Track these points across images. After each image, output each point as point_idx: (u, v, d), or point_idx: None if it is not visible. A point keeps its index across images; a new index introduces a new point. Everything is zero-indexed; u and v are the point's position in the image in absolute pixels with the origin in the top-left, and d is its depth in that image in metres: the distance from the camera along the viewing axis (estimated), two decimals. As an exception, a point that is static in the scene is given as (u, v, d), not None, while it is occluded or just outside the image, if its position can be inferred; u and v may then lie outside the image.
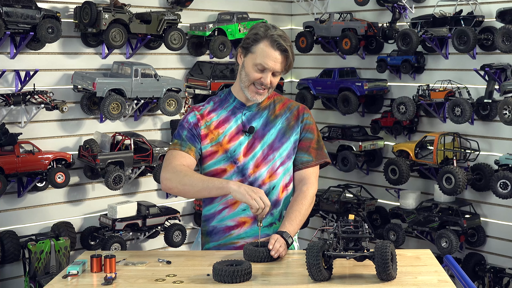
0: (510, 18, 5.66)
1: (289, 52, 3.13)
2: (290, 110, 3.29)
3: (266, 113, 3.25)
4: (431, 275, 2.67)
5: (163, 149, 6.09)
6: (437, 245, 5.99)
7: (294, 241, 3.26)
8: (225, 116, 3.23)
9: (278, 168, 3.20)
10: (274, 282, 2.60)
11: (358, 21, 6.80)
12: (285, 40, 3.13)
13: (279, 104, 3.30)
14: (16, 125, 5.59)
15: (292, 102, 3.35)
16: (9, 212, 5.66)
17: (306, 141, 3.28)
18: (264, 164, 3.18)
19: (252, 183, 3.14)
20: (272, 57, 3.11)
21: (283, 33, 3.17)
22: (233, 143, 3.18)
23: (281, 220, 3.18)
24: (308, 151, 3.27)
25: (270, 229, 3.17)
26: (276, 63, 3.12)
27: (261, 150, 3.18)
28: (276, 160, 3.20)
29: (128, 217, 5.95)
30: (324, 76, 6.99)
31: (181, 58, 6.69)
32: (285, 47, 3.11)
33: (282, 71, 3.17)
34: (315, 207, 6.87)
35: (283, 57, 3.13)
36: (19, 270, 5.61)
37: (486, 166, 6.01)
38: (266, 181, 3.17)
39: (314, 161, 3.28)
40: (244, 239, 3.15)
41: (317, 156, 3.30)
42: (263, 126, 3.22)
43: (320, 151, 3.32)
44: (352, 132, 6.81)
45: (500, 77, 5.80)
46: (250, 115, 3.23)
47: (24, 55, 5.66)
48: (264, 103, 3.26)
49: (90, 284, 2.63)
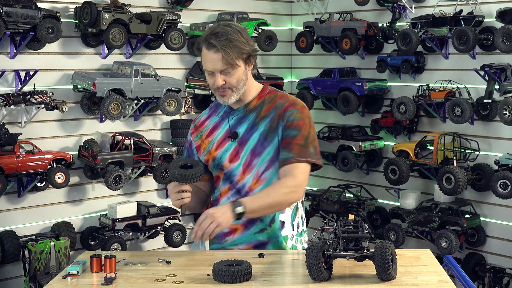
0: (510, 18, 5.66)
1: (221, 47, 2.92)
2: (277, 109, 3.05)
3: (253, 115, 3.09)
4: (431, 275, 2.67)
5: (163, 149, 6.09)
6: (437, 245, 5.99)
7: (300, 242, 3.23)
8: (216, 123, 3.17)
9: (262, 174, 3.05)
10: (274, 282, 2.60)
11: (358, 21, 6.80)
12: (219, 35, 2.95)
13: (268, 104, 3.09)
14: (16, 125, 5.59)
15: (282, 100, 3.09)
16: (9, 212, 5.66)
17: (288, 138, 2.99)
18: (249, 171, 3.06)
19: (240, 190, 3.09)
20: (208, 58, 2.98)
21: (224, 27, 2.98)
22: (219, 150, 3.11)
23: (272, 226, 3.10)
24: (288, 148, 2.97)
25: (262, 235, 3.10)
26: (215, 63, 2.97)
27: (245, 156, 3.07)
28: (259, 166, 3.05)
29: (128, 217, 5.96)
30: (324, 76, 6.99)
31: (181, 58, 6.69)
32: (214, 44, 2.93)
33: (227, 67, 2.98)
34: (315, 207, 6.88)
35: (220, 54, 2.94)
36: (19, 270, 5.61)
37: (486, 166, 6.01)
38: (253, 187, 3.06)
39: (295, 157, 2.95)
40: (237, 245, 3.11)
41: (300, 153, 2.96)
42: (247, 131, 3.08)
43: (305, 149, 2.97)
44: (352, 132, 6.81)
45: (500, 77, 5.80)
46: (237, 119, 3.11)
47: (24, 55, 5.66)
48: (252, 105, 3.11)
49: (90, 284, 2.62)
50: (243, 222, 3.07)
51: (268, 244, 3.11)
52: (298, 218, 3.22)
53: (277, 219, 3.12)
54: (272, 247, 3.10)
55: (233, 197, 3.09)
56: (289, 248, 3.16)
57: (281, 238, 3.12)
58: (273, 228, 3.11)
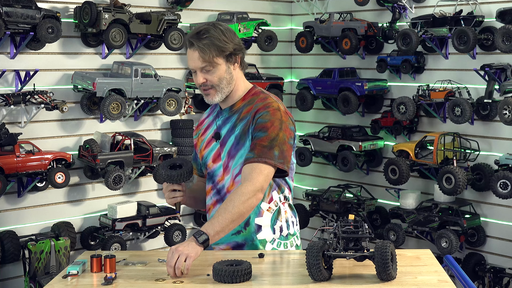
0: (510, 18, 5.66)
1: (197, 44, 2.94)
2: (251, 112, 3.01)
3: (235, 117, 3.08)
4: (431, 275, 2.67)
5: (163, 149, 6.09)
6: (437, 245, 5.99)
7: (295, 241, 3.23)
8: (209, 122, 3.20)
9: (236, 176, 3.04)
10: (274, 282, 2.60)
11: (358, 21, 6.80)
12: (198, 33, 2.96)
13: (248, 106, 3.05)
14: (16, 125, 5.59)
15: (259, 103, 3.03)
16: (9, 212, 5.66)
17: (254, 139, 2.93)
18: (227, 172, 3.08)
19: (220, 191, 3.12)
20: (189, 57, 3.01)
21: (203, 27, 2.99)
22: (206, 150, 3.16)
23: (247, 229, 3.07)
24: (252, 148, 2.93)
25: (239, 237, 3.09)
26: (194, 61, 2.99)
27: (224, 157, 3.09)
28: (234, 168, 3.05)
29: (128, 217, 5.96)
30: (324, 76, 6.99)
31: (181, 58, 6.69)
32: (191, 42, 2.96)
33: (206, 65, 2.98)
34: (315, 207, 6.88)
35: (198, 52, 2.96)
36: (19, 270, 5.61)
37: (486, 166, 6.01)
38: (230, 188, 3.07)
39: (255, 157, 2.88)
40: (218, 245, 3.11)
41: (261, 154, 2.87)
42: (228, 132, 3.08)
43: (268, 150, 2.88)
44: (352, 132, 6.81)
45: (500, 77, 5.80)
46: (223, 120, 3.12)
47: (24, 55, 5.66)
48: (237, 106, 3.10)
49: (90, 284, 2.62)
50: None
51: (244, 246, 3.10)
52: (281, 222, 3.14)
53: (252, 222, 3.08)
54: (249, 250, 3.09)
55: (214, 197, 3.14)
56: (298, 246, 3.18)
57: (256, 241, 3.08)
58: (248, 231, 3.08)
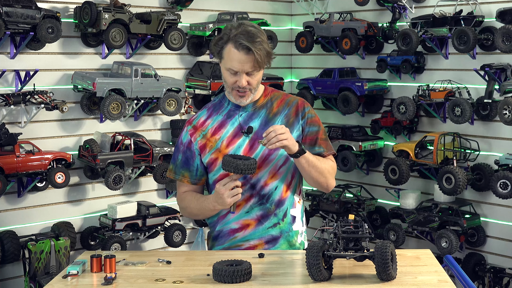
0: (510, 18, 5.66)
1: (254, 49, 2.95)
2: (289, 106, 3.20)
3: (264, 111, 3.17)
4: (431, 275, 2.67)
5: (163, 149, 6.10)
6: (437, 245, 5.99)
7: (303, 238, 3.27)
8: (221, 121, 3.18)
9: (281, 167, 3.14)
10: (274, 282, 2.60)
11: (358, 21, 6.80)
12: (251, 37, 2.96)
13: (277, 101, 3.21)
14: (16, 125, 5.59)
15: (290, 97, 3.26)
16: (9, 212, 5.66)
17: (313, 134, 3.21)
18: (266, 165, 3.12)
19: (255, 185, 3.12)
20: (237, 59, 2.98)
21: (251, 28, 3.00)
22: (231, 147, 3.13)
23: (284, 220, 3.16)
24: (317, 143, 3.21)
25: (275, 229, 3.15)
26: (243, 64, 2.99)
27: (261, 150, 3.11)
28: (278, 160, 3.13)
29: (128, 217, 5.95)
30: (324, 76, 6.99)
31: (181, 58, 6.69)
32: (247, 46, 2.95)
33: (254, 69, 3.02)
34: (315, 207, 6.88)
35: (250, 56, 2.98)
36: (19, 270, 5.61)
37: (486, 166, 6.01)
38: (268, 181, 3.12)
39: (325, 151, 3.22)
40: (249, 241, 3.15)
41: (328, 147, 3.24)
42: (262, 126, 3.13)
43: (328, 142, 3.26)
44: (352, 132, 6.81)
45: (500, 77, 5.80)
46: (246, 115, 3.16)
47: (24, 55, 5.66)
48: (260, 102, 3.19)
49: (90, 284, 2.63)
50: (257, 217, 3.11)
51: (280, 239, 3.16)
52: (304, 215, 3.30)
53: (289, 214, 3.20)
54: (284, 242, 3.16)
55: (247, 192, 3.12)
56: (298, 243, 3.21)
57: (292, 232, 3.20)
58: (285, 222, 3.19)
